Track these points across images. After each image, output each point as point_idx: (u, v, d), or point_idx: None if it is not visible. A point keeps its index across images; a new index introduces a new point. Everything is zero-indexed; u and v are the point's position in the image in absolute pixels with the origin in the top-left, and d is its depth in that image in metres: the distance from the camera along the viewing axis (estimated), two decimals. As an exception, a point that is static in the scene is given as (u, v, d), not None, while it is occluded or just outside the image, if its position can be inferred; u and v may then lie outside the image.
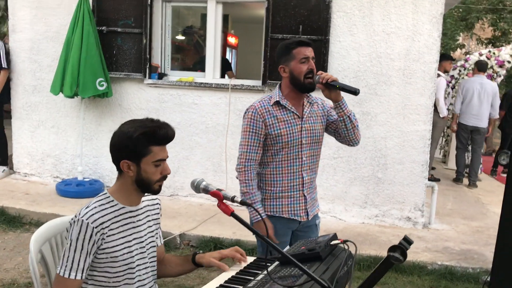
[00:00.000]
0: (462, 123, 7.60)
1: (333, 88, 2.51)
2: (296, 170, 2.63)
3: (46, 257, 2.08)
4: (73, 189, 5.60)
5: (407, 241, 1.58)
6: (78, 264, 1.84)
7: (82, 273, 1.85)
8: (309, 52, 2.55)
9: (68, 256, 1.83)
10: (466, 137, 7.68)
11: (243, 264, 2.15)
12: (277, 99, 2.60)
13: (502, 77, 8.36)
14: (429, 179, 7.49)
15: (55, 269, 2.06)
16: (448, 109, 9.81)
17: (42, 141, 6.17)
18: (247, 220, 2.41)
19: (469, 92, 7.45)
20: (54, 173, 6.17)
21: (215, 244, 4.55)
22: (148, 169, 1.91)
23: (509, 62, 8.07)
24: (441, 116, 7.47)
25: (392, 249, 1.56)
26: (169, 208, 5.37)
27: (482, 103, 7.40)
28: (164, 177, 1.97)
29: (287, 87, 2.62)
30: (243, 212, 2.39)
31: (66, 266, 1.83)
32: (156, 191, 1.98)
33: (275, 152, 2.61)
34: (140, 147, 1.88)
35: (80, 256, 1.83)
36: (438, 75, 7.69)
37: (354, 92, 2.49)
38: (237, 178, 2.64)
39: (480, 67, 7.66)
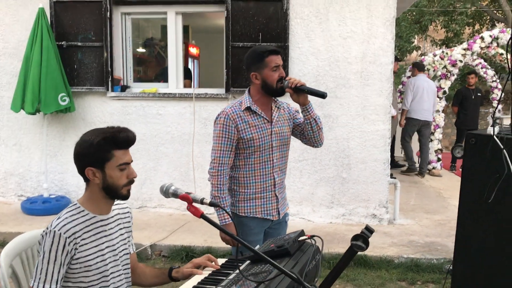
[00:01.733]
0: (413, 118, 8.11)
1: (301, 92, 2.64)
2: (268, 172, 2.73)
3: (17, 271, 2.06)
4: (39, 206, 5.52)
5: (369, 230, 1.68)
6: (52, 276, 1.84)
7: (56, 285, 1.85)
8: (279, 60, 2.67)
9: (42, 268, 1.84)
10: (414, 131, 8.25)
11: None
12: (248, 105, 2.69)
13: (455, 76, 8.71)
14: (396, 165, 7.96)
15: (27, 283, 2.06)
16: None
17: (4, 159, 6.05)
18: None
19: (419, 89, 7.98)
20: (18, 191, 6.06)
21: (187, 252, 4.57)
22: (113, 174, 1.93)
23: (461, 61, 8.41)
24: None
25: (355, 238, 1.66)
26: (139, 219, 5.36)
27: (429, 99, 8.00)
28: (130, 181, 1.99)
29: (257, 92, 2.72)
30: (213, 216, 2.45)
31: (39, 278, 1.84)
32: (125, 196, 2.00)
33: (247, 155, 2.69)
34: (102, 152, 1.91)
35: (53, 267, 1.84)
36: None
37: (322, 95, 2.61)
38: (209, 180, 2.70)
39: (420, 67, 8.38)
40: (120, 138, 1.93)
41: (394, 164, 8.49)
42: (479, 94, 9.13)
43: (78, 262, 1.90)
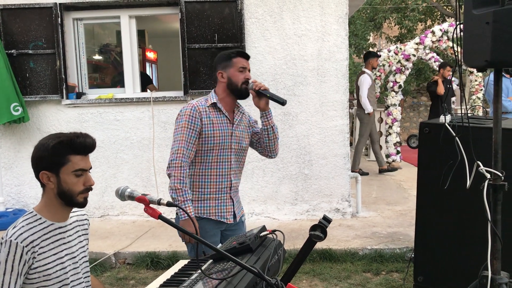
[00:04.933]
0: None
1: (263, 97, 2.69)
2: (225, 173, 2.72)
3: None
4: (-5, 221, 5.32)
5: (326, 220, 1.71)
6: (9, 286, 1.79)
7: None
8: (247, 64, 2.73)
9: None
10: None
11: (178, 267, 2.18)
12: (214, 101, 2.70)
13: (409, 70, 8.93)
14: (360, 173, 7.85)
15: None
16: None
17: (-44, 175, 5.81)
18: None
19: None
20: (-27, 207, 5.83)
21: (152, 258, 4.51)
22: (68, 179, 1.89)
23: (414, 55, 8.64)
24: (366, 112, 7.90)
25: (313, 228, 1.68)
26: (101, 228, 5.25)
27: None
28: (87, 189, 1.94)
29: (222, 91, 2.74)
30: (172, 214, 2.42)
31: None
32: (81, 204, 1.95)
33: (205, 152, 2.66)
34: (57, 156, 1.87)
35: (10, 278, 1.78)
36: (363, 72, 8.04)
37: (282, 102, 2.68)
38: (168, 175, 2.61)
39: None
40: (77, 143, 1.89)
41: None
42: (449, 86, 9.25)
43: (37, 271, 1.85)
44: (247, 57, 2.76)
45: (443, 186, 3.07)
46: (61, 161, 1.88)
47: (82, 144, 1.90)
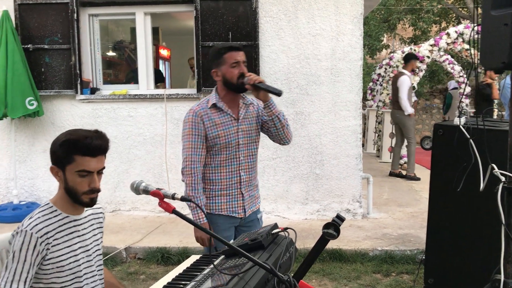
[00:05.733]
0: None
1: (259, 90, 2.65)
2: (234, 169, 2.73)
3: (-15, 275, 2.02)
4: (9, 213, 5.39)
5: (339, 218, 1.70)
6: (20, 276, 1.80)
7: (24, 285, 1.81)
8: (239, 56, 2.67)
9: (11, 268, 1.80)
10: None
11: (190, 262, 2.19)
12: (214, 102, 2.69)
13: (423, 72, 8.88)
14: (412, 178, 7.71)
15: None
16: (377, 106, 10.29)
17: (-29, 167, 5.89)
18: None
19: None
20: (-13, 199, 5.91)
21: (162, 254, 4.53)
22: (72, 178, 1.89)
23: (428, 57, 8.59)
24: (406, 114, 7.72)
25: (326, 226, 1.68)
26: (112, 223, 5.29)
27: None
28: (92, 190, 1.92)
29: (222, 89, 2.73)
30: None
31: (7, 278, 1.80)
32: (86, 204, 1.95)
33: (214, 152, 2.70)
34: (63, 154, 1.88)
35: (23, 267, 1.81)
36: (402, 74, 7.76)
37: (277, 93, 2.64)
38: (183, 181, 2.69)
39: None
40: (81, 145, 1.86)
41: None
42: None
43: (50, 262, 1.87)
44: (238, 49, 2.70)
45: (456, 188, 3.05)
46: (66, 159, 1.88)
47: (86, 146, 1.87)
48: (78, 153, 1.87)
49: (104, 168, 1.97)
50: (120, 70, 8.43)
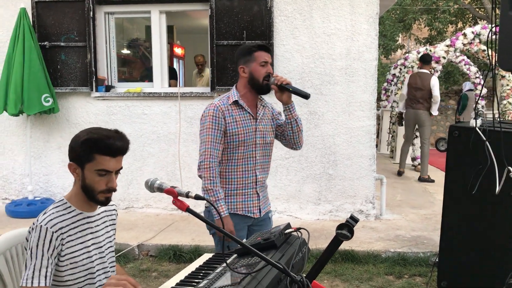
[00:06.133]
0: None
1: (286, 91, 2.67)
2: (250, 168, 2.73)
3: (1, 270, 2.04)
4: (24, 209, 5.45)
5: (353, 219, 1.69)
6: (40, 271, 1.81)
7: (45, 280, 1.81)
8: (268, 57, 2.70)
9: (30, 265, 1.81)
10: None
11: (202, 260, 2.20)
12: (236, 99, 2.70)
13: (439, 73, 8.79)
14: (425, 180, 7.65)
15: (11, 281, 2.04)
16: (392, 106, 10.22)
17: (-13, 162, 5.97)
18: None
19: None
20: (3, 194, 5.98)
21: (174, 251, 4.55)
22: (90, 176, 1.90)
23: (444, 58, 8.50)
24: (434, 114, 7.71)
25: (340, 227, 1.67)
26: (125, 220, 5.33)
27: None
28: (109, 190, 1.94)
29: (244, 87, 2.73)
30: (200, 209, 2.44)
31: (28, 275, 1.80)
32: (101, 202, 1.96)
33: (231, 150, 2.70)
34: (83, 152, 1.88)
35: (41, 262, 1.81)
36: (430, 74, 7.71)
37: (305, 96, 2.65)
38: (199, 176, 2.67)
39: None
40: (102, 144, 1.88)
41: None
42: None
43: (65, 258, 1.89)
44: (268, 50, 2.73)
45: (471, 191, 3.02)
46: (86, 157, 1.89)
47: (108, 146, 1.88)
48: (99, 152, 1.88)
49: (121, 168, 1.99)
50: (135, 68, 8.48)
